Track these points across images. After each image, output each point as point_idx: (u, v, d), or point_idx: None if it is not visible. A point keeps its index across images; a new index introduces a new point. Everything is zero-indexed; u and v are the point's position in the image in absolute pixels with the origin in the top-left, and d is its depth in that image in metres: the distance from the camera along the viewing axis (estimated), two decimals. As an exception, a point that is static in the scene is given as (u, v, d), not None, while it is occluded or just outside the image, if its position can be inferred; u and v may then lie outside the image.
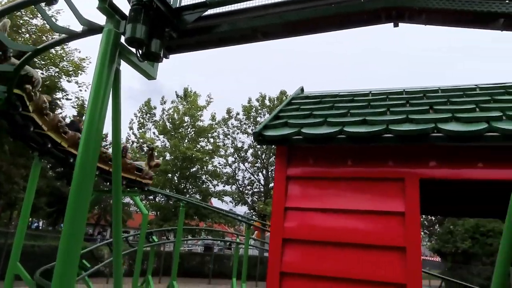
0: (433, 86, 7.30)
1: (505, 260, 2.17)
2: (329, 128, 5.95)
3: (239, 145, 31.74)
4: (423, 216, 27.94)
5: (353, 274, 5.64)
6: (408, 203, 5.54)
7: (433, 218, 29.07)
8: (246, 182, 31.79)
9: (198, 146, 25.69)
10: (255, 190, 31.64)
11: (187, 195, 24.11)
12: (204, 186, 25.51)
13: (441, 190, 8.21)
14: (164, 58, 2.75)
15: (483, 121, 5.32)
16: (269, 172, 30.23)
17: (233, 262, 15.92)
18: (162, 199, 25.52)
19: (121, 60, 2.54)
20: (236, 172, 31.84)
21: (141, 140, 28.19)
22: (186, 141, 25.36)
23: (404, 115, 5.91)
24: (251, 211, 30.69)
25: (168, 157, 24.92)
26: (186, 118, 25.72)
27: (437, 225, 28.65)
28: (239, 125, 31.99)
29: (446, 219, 23.42)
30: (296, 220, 6.14)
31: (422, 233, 31.60)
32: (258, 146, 30.61)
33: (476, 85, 7.08)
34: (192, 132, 25.97)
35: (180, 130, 25.24)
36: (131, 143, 32.15)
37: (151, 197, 27.79)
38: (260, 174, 31.56)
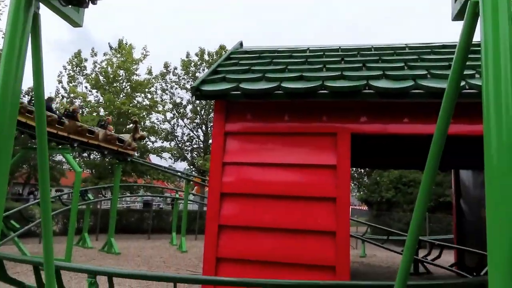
0: (367, 44, 7.55)
1: (422, 206, 2.38)
2: (267, 84, 5.98)
3: (178, 100, 30.94)
4: (353, 168, 29.83)
5: (289, 224, 5.94)
6: (340, 156, 5.85)
7: (362, 170, 31.15)
8: (185, 138, 31.40)
9: (134, 101, 24.57)
10: (195, 146, 31.44)
11: (124, 152, 23.37)
12: (141, 142, 24.78)
13: (371, 144, 8.74)
14: (90, 3, 2.48)
15: (410, 78, 5.66)
16: (208, 128, 30.04)
17: (173, 217, 16.01)
18: (97, 157, 24.52)
19: (40, 4, 2.26)
20: (175, 128, 31.27)
21: (72, 95, 26.32)
22: (121, 96, 24.12)
23: (339, 72, 6.09)
24: (191, 167, 30.63)
25: (102, 112, 23.65)
26: (121, 72, 24.28)
27: (366, 177, 30.80)
28: (177, 80, 30.98)
29: (374, 171, 25.22)
30: (234, 175, 6.25)
31: (352, 184, 33.87)
32: (197, 102, 30.08)
33: (405, 45, 7.43)
34: (128, 87, 24.68)
35: (115, 85, 23.86)
36: (60, 97, 29.98)
37: (85, 154, 26.56)
38: (199, 130, 31.26)
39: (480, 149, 1.57)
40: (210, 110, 28.98)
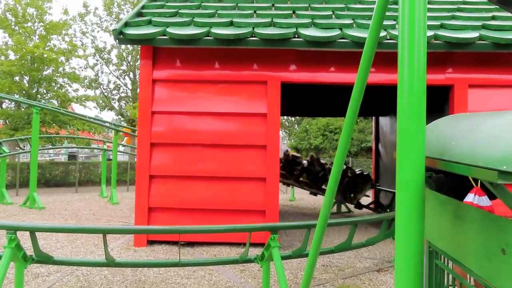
0: (298, -10, 7.46)
1: (343, 150, 2.52)
2: (195, 29, 5.76)
3: (101, 45, 28.68)
4: (284, 117, 30.66)
5: (221, 172, 6.05)
6: (270, 105, 5.96)
7: (293, 119, 32.16)
8: (111, 86, 29.59)
9: (50, 44, 22.26)
10: (122, 95, 29.80)
11: (42, 101, 21.44)
12: (62, 90, 22.83)
13: (300, 92, 8.97)
14: None
15: (336, 27, 5.77)
16: (136, 76, 28.46)
17: (102, 169, 15.44)
18: (11, 106, 22.30)
19: None
20: (99, 75, 29.21)
21: (-27, 35, 23.19)
22: (34, 38, 21.68)
23: (269, 19, 6.03)
24: (119, 116, 29.24)
25: (12, 56, 21.20)
26: (31, 10, 21.64)
27: (296, 125, 31.91)
28: (99, 22, 28.52)
29: (303, 120, 26.18)
30: (164, 124, 6.12)
31: (283, 132, 34.97)
32: (123, 47, 28.17)
33: (334, -7, 7.46)
34: (41, 28, 22.18)
35: (25, 25, 21.29)
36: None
37: (-5, 104, 24.00)
38: (126, 77, 29.54)
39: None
40: (138, 56, 27.35)
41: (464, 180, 2.37)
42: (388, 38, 5.63)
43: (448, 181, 2.37)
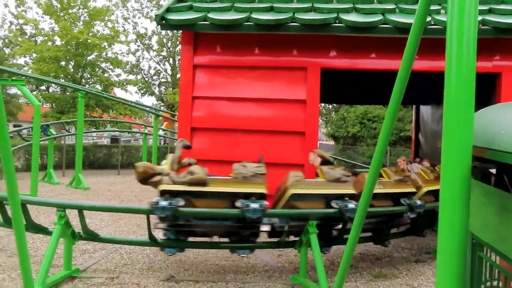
0: (340, -26, 7.27)
1: (385, 138, 2.49)
2: (236, 14, 5.78)
3: (142, 31, 29.35)
4: (322, 104, 30.25)
5: (258, 158, 6.09)
6: (309, 91, 5.92)
7: (330, 106, 31.68)
8: (152, 72, 30.31)
9: (93, 30, 23.01)
10: (162, 80, 30.46)
11: (86, 85, 22.32)
12: (105, 75, 23.65)
13: (339, 79, 8.82)
14: None
15: (379, 12, 5.61)
16: (176, 62, 28.93)
17: (142, 153, 15.98)
18: (58, 90, 23.37)
19: None
20: (140, 61, 29.95)
21: (21, 21, 24.26)
22: (79, 24, 22.47)
23: (309, 4, 5.94)
24: (159, 102, 29.94)
25: (58, 42, 22.10)
26: (76, -4, 22.41)
27: (333, 113, 31.42)
28: (140, 8, 29.12)
29: (341, 108, 25.73)
30: (204, 109, 6.23)
31: (320, 120, 34.57)
32: (164, 33, 28.66)
33: (378, -23, 7.21)
34: (85, 14, 22.94)
35: (70, 11, 22.08)
36: (8, 23, 27.60)
37: (43, 87, 25.25)
38: (166, 63, 30.11)
39: (441, 85, 1.64)
40: (178, 42, 27.75)
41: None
42: (432, 23, 5.41)
43: (495, 172, 2.30)
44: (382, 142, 2.52)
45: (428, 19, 5.38)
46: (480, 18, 5.32)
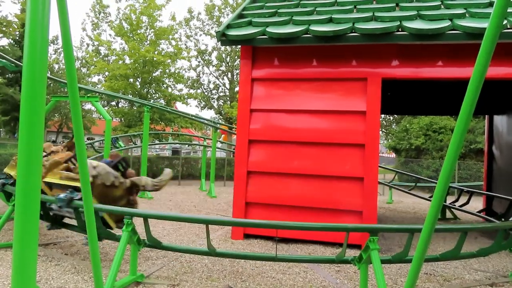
0: (402, -19, 7.05)
1: (454, 152, 2.32)
2: (294, 27, 5.79)
3: (203, 47, 30.53)
4: (382, 116, 29.24)
5: (317, 170, 6.01)
6: (369, 102, 5.74)
7: (391, 117, 30.52)
8: (211, 86, 31.37)
9: (159, 48, 24.40)
10: (221, 94, 31.39)
11: (151, 100, 23.63)
12: (168, 90, 24.92)
13: (401, 89, 8.47)
14: None
15: (446, 18, 5.32)
16: (234, 76, 29.73)
17: (201, 164, 16.45)
18: (126, 105, 24.98)
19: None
20: (201, 76, 31.15)
21: (97, 43, 26.40)
22: (146, 43, 23.97)
23: (370, 13, 5.81)
24: (218, 115, 30.83)
25: (127, 60, 23.71)
26: (144, 18, 23.92)
27: (395, 124, 30.22)
28: (201, 26, 30.38)
29: (403, 119, 24.66)
30: (261, 122, 6.28)
31: (380, 132, 33.40)
32: (223, 49, 29.61)
33: (444, -19, 6.88)
34: (152, 34, 24.43)
35: (139, 32, 23.63)
36: (86, 46, 30.15)
37: (113, 103, 27.08)
38: (225, 78, 31.03)
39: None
40: (236, 57, 28.49)
41: None
42: (508, 27, 5.02)
43: None
44: (452, 155, 2.35)
45: (504, 22, 5.00)
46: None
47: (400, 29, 5.31)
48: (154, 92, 24.74)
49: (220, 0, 29.42)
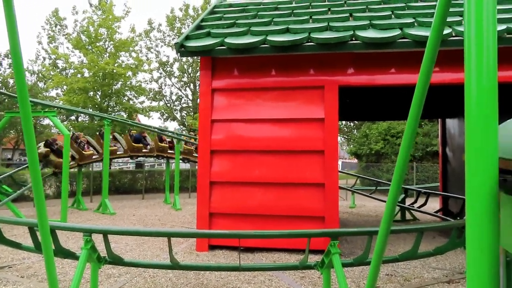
0: (354, -7, 7.33)
1: (405, 154, 2.41)
2: (252, 38, 5.87)
3: (164, 59, 30.20)
4: (343, 122, 30.00)
5: (278, 178, 6.06)
6: (327, 109, 5.88)
7: (352, 124, 31.35)
8: (174, 97, 31.02)
9: (119, 61, 23.89)
10: (184, 105, 31.11)
11: (113, 114, 23.03)
12: (129, 103, 24.38)
13: (359, 96, 8.75)
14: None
15: (396, 27, 5.57)
16: (197, 87, 29.55)
17: (165, 177, 16.16)
18: (86, 119, 24.22)
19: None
20: (163, 87, 30.75)
21: (53, 56, 25.50)
22: (105, 56, 23.41)
23: (325, 23, 5.98)
24: (181, 126, 30.47)
25: (86, 74, 23.03)
26: (103, 30, 23.39)
27: (355, 130, 31.06)
28: (162, 37, 30.10)
29: (363, 125, 25.41)
30: (223, 132, 6.28)
31: (342, 138, 34.20)
32: (184, 60, 29.43)
33: (393, -8, 7.22)
34: (111, 46, 23.90)
35: (98, 44, 23.06)
36: (42, 59, 29.05)
37: (73, 117, 26.16)
38: (187, 89, 30.80)
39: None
40: (198, 68, 28.38)
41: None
42: (453, 35, 5.32)
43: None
44: (403, 158, 2.44)
45: (449, 30, 5.30)
46: (504, 26, 5.20)
47: (353, 38, 5.50)
48: (115, 105, 24.14)
49: (181, 11, 29.31)
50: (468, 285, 1.57)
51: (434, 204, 10.86)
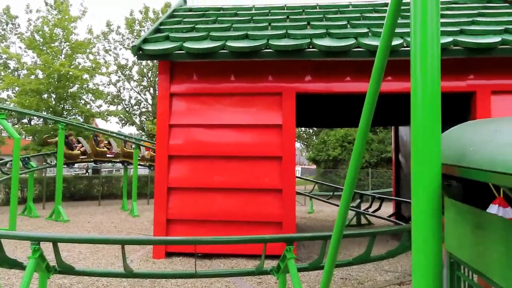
0: (312, 2, 7.52)
1: (357, 160, 2.48)
2: (211, 43, 5.85)
3: (123, 62, 29.42)
4: (302, 129, 30.52)
5: (236, 184, 6.05)
6: (285, 116, 5.96)
7: (311, 130, 31.95)
8: (133, 102, 30.23)
9: (75, 62, 22.98)
10: (143, 110, 30.38)
11: (68, 117, 22.07)
12: (86, 107, 23.48)
13: (317, 103, 8.94)
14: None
15: (352, 37, 5.75)
16: (156, 91, 29.01)
17: (123, 183, 15.69)
18: (39, 122, 23.06)
19: None
20: (121, 91, 29.90)
21: (4, 56, 24.13)
22: (61, 57, 22.43)
23: (284, 30, 6.08)
24: (140, 131, 29.74)
25: (40, 75, 21.95)
26: (58, 31, 22.43)
27: (314, 137, 31.68)
28: (121, 40, 29.32)
29: (321, 131, 25.97)
30: (181, 137, 6.19)
31: (301, 144, 34.75)
32: (144, 63, 28.82)
33: (349, 3, 7.48)
34: (67, 47, 22.96)
35: (53, 45, 22.06)
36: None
37: (25, 120, 24.82)
38: (147, 93, 30.12)
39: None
40: (157, 72, 27.93)
41: (485, 189, 2.29)
42: (404, 45, 5.57)
43: (469, 190, 2.30)
44: (354, 163, 2.51)
45: (400, 41, 5.53)
46: (451, 39, 5.50)
47: (310, 46, 5.62)
48: (70, 108, 23.17)
49: (141, 14, 28.74)
50: (414, 286, 1.63)
51: (388, 209, 11.25)
